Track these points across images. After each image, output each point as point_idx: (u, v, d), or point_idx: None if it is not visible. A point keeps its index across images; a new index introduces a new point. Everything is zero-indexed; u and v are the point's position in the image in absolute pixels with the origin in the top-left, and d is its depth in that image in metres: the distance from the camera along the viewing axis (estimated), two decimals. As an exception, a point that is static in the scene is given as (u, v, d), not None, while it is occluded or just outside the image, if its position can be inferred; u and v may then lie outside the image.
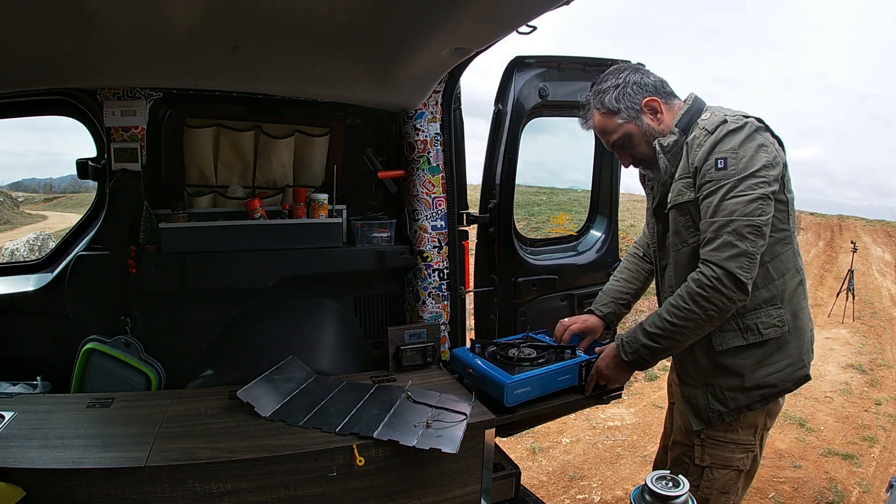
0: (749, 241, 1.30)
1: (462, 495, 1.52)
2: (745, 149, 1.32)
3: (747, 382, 1.42)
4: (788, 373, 1.43)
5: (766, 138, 1.35)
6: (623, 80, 1.48)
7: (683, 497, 0.85)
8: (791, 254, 1.43)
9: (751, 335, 1.41)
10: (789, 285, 1.43)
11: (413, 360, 1.85)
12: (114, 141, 1.72)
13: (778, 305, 1.41)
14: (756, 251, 1.31)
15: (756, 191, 1.30)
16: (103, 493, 1.23)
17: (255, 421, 1.46)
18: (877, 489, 3.02)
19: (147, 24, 1.31)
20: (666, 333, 1.41)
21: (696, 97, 1.49)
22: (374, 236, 2.01)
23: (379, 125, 2.03)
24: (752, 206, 1.30)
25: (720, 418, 1.45)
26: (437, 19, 1.30)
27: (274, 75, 1.67)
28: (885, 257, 10.08)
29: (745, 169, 1.31)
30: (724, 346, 1.43)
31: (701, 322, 1.36)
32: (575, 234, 2.48)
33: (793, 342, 1.43)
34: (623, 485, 2.99)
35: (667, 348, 1.44)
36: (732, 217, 1.31)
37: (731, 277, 1.31)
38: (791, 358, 1.43)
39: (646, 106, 1.47)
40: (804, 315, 1.47)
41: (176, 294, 1.84)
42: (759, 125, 1.36)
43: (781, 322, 1.41)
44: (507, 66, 2.01)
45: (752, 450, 1.48)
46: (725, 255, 1.31)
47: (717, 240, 1.32)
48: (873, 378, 4.88)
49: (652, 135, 1.47)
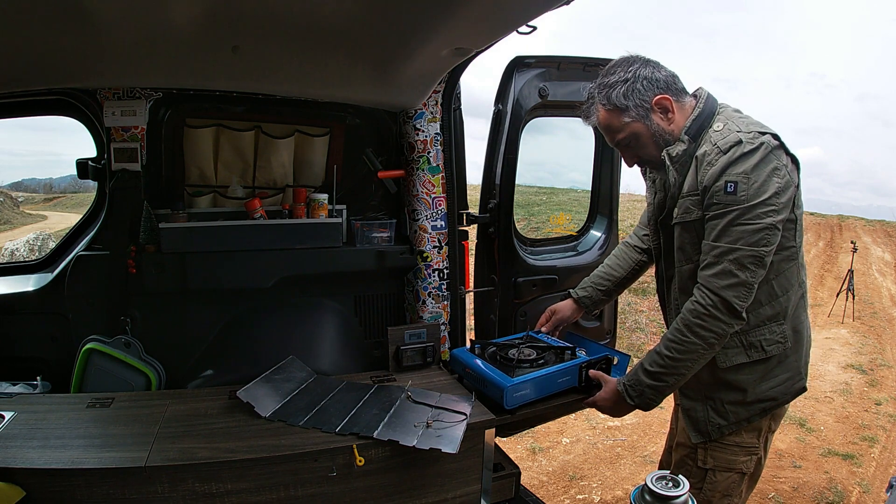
0: (749, 271, 1.28)
1: (462, 495, 1.51)
2: (758, 174, 1.26)
3: (749, 397, 1.41)
4: (788, 385, 1.42)
5: (781, 160, 1.29)
6: (633, 75, 1.37)
7: (683, 497, 0.85)
8: (795, 269, 1.40)
9: (754, 352, 1.39)
10: (792, 301, 1.40)
11: (413, 360, 1.85)
12: (114, 141, 1.72)
13: (781, 322, 1.39)
14: (755, 281, 1.29)
15: (764, 220, 1.26)
16: (103, 493, 1.23)
17: (255, 421, 1.46)
18: (877, 489, 3.02)
19: (147, 24, 1.31)
20: (669, 370, 1.37)
21: (707, 96, 1.40)
22: (374, 236, 2.01)
23: (379, 125, 2.03)
24: (757, 235, 1.26)
25: (719, 431, 1.43)
26: (437, 19, 1.30)
27: (274, 75, 1.67)
28: (885, 257, 10.08)
29: (755, 196, 1.26)
30: (727, 363, 1.40)
31: (702, 351, 1.34)
32: (575, 234, 2.48)
33: (793, 356, 1.42)
34: (623, 485, 2.99)
35: (673, 385, 1.40)
36: (736, 245, 1.27)
37: (726, 305, 1.29)
38: (791, 371, 1.42)
39: (656, 104, 1.37)
40: (804, 328, 1.45)
41: (176, 294, 1.84)
42: (775, 144, 1.29)
43: (784, 338, 1.39)
44: (507, 66, 2.01)
45: (756, 452, 1.46)
46: (723, 284, 1.29)
47: (717, 265, 1.30)
48: (873, 378, 4.88)
49: (661, 136, 1.39)
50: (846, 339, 6.08)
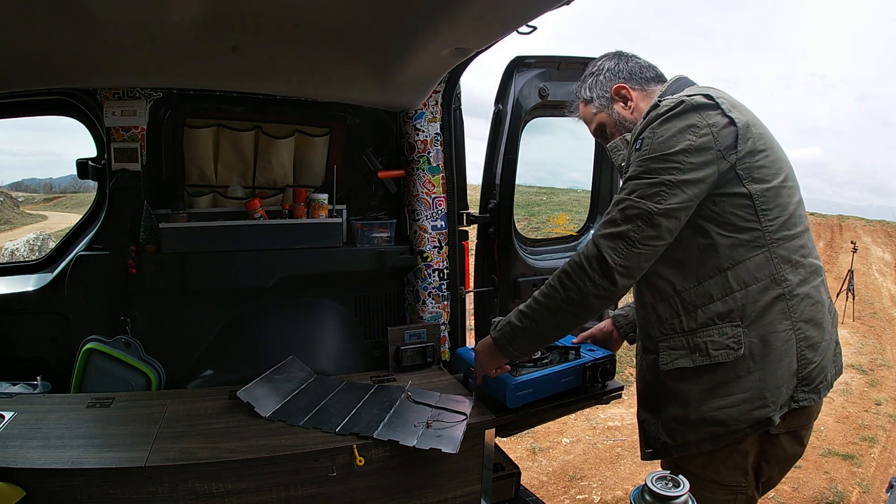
0: (634, 225, 1.13)
1: (462, 495, 1.51)
2: (665, 128, 1.16)
3: (693, 414, 1.20)
4: (743, 410, 1.17)
5: (706, 119, 1.14)
6: (598, 68, 1.40)
7: (683, 497, 0.84)
8: (762, 260, 1.17)
9: (699, 356, 1.19)
10: (757, 300, 1.17)
11: (413, 361, 1.85)
12: (114, 141, 1.72)
13: (735, 323, 1.17)
14: (639, 239, 1.13)
15: (662, 176, 1.13)
16: (103, 493, 1.22)
17: (255, 421, 1.46)
18: (877, 489, 3.02)
19: (147, 24, 1.31)
20: (529, 311, 1.26)
21: (676, 79, 1.32)
22: (374, 236, 2.01)
23: (379, 125, 2.03)
24: (651, 190, 1.13)
25: (666, 451, 1.26)
26: (437, 20, 1.30)
27: (274, 75, 1.67)
28: (885, 257, 10.09)
29: (657, 149, 1.15)
30: (669, 365, 1.23)
31: (561, 304, 1.21)
32: (575, 234, 2.47)
33: (755, 373, 1.17)
34: (623, 485, 2.99)
35: (527, 329, 1.28)
36: (629, 196, 1.16)
37: (598, 258, 1.15)
38: (749, 392, 1.17)
39: (615, 93, 1.37)
40: (779, 340, 1.17)
41: (176, 294, 1.84)
42: (700, 102, 1.16)
43: (737, 344, 1.16)
44: (507, 66, 2.01)
45: (743, 491, 1.24)
46: (603, 232, 1.17)
47: (606, 216, 1.19)
48: (873, 378, 4.88)
49: (622, 124, 1.36)
50: (846, 339, 6.08)
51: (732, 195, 1.16)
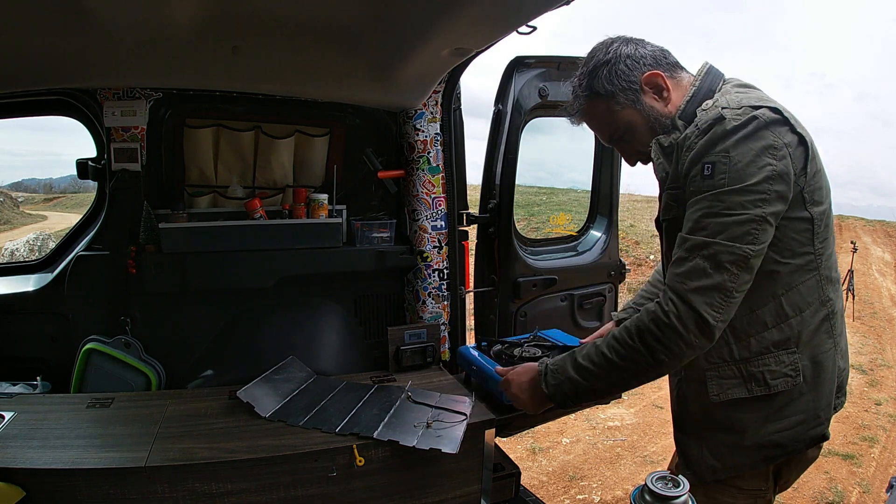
0: (729, 273, 1.00)
1: (462, 495, 1.51)
2: (742, 152, 1.01)
3: (748, 441, 1.14)
4: (800, 431, 1.13)
5: (781, 137, 1.02)
6: (614, 55, 1.16)
7: (683, 497, 0.84)
8: (814, 282, 1.11)
9: (756, 386, 1.11)
10: (810, 324, 1.12)
11: (413, 361, 1.85)
12: (114, 141, 1.72)
13: (792, 350, 1.11)
14: (736, 287, 1.01)
15: (750, 211, 1.00)
16: (103, 493, 1.22)
17: (255, 421, 1.46)
18: (877, 489, 3.02)
19: (147, 24, 1.31)
20: (599, 371, 1.11)
21: (709, 70, 1.16)
22: (374, 236, 2.01)
23: (379, 125, 2.02)
24: (741, 229, 1.00)
25: (714, 475, 1.18)
26: (437, 20, 1.30)
27: (274, 75, 1.67)
28: (885, 257, 10.08)
29: (738, 179, 1.00)
30: (722, 396, 1.14)
31: (646, 367, 1.07)
32: (575, 234, 2.47)
33: (809, 394, 1.13)
34: (623, 485, 2.99)
35: (596, 390, 1.14)
36: (714, 239, 1.01)
37: (695, 317, 1.01)
38: (805, 413, 1.13)
39: (646, 83, 1.15)
40: (827, 360, 1.13)
41: (176, 294, 1.84)
42: (772, 118, 1.03)
43: (795, 371, 1.11)
44: (507, 67, 2.01)
45: (763, 496, 1.21)
46: (693, 286, 1.02)
47: (688, 262, 1.03)
48: (873, 378, 4.88)
49: (658, 120, 1.16)
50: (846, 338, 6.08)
51: (795, 219, 1.07)
